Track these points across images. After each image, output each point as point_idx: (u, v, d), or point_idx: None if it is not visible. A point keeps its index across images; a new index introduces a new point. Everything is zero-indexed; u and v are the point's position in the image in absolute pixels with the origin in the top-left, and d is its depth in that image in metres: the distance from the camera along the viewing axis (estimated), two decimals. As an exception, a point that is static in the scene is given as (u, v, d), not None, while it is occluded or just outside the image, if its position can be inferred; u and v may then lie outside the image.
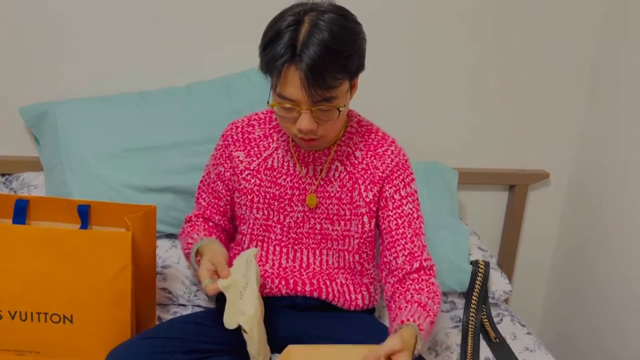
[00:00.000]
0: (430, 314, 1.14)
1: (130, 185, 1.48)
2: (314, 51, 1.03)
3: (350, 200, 1.26)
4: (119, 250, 1.15)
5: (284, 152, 1.26)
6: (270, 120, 1.29)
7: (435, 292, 1.20)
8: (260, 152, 1.27)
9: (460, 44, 1.77)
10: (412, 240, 1.24)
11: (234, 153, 1.28)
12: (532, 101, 1.87)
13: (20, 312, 1.16)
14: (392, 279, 1.22)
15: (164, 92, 1.59)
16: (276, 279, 1.28)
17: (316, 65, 1.03)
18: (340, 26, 1.07)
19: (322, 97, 1.07)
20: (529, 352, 1.43)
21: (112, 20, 1.59)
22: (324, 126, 1.12)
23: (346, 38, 1.07)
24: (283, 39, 1.05)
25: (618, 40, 1.77)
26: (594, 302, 1.87)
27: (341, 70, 1.07)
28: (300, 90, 1.06)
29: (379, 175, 1.25)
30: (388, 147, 1.27)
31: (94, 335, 1.18)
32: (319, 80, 1.05)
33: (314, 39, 1.04)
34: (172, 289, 1.46)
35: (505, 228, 1.98)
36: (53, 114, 1.52)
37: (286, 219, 1.27)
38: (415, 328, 1.07)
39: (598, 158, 1.86)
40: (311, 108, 1.08)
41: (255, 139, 1.28)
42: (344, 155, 1.26)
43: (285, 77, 1.06)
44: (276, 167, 1.26)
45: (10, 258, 1.14)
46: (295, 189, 1.26)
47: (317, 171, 1.26)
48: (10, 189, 1.60)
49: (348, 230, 1.27)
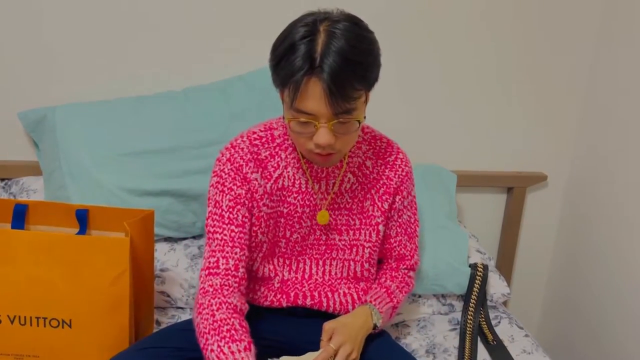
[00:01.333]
0: (394, 300, 1.29)
1: (129, 189, 1.48)
2: (334, 61, 0.99)
3: (361, 210, 1.26)
4: (117, 255, 1.15)
5: (294, 170, 1.21)
6: (273, 138, 1.22)
7: (406, 284, 1.34)
8: (270, 173, 1.21)
9: (459, 47, 1.78)
10: (405, 245, 1.34)
11: (250, 176, 1.19)
12: (530, 103, 1.87)
13: (19, 316, 1.16)
14: (379, 271, 1.36)
15: (162, 96, 1.60)
16: (278, 293, 1.27)
17: (338, 75, 1.00)
18: (357, 35, 1.03)
19: (343, 109, 1.03)
20: (526, 354, 1.44)
21: (110, 24, 1.59)
22: (342, 140, 1.08)
23: (365, 48, 1.04)
24: (299, 51, 1.00)
25: (615, 43, 1.77)
26: (591, 305, 1.87)
27: (361, 81, 1.04)
28: (321, 103, 1.02)
29: (393, 186, 1.27)
30: (397, 156, 1.28)
31: (93, 339, 1.18)
32: (341, 91, 1.01)
33: (333, 48, 1.00)
34: (170, 292, 1.46)
35: (504, 230, 1.98)
36: (52, 119, 1.53)
37: (293, 235, 1.25)
38: (373, 308, 1.23)
39: (595, 160, 1.86)
40: (330, 121, 1.04)
41: (263, 160, 1.20)
42: (355, 166, 1.25)
43: (304, 91, 1.02)
44: (287, 186, 1.21)
45: (9, 263, 1.15)
46: (305, 207, 1.23)
47: (329, 185, 1.23)
48: (9, 193, 1.60)
49: (357, 239, 1.28)
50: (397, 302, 1.30)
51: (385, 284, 1.30)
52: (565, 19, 1.80)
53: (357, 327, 1.18)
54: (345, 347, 1.13)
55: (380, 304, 1.25)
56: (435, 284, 1.54)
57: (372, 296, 1.27)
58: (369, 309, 1.23)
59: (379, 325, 1.24)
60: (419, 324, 1.54)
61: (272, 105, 1.58)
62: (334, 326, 1.16)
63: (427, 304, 1.57)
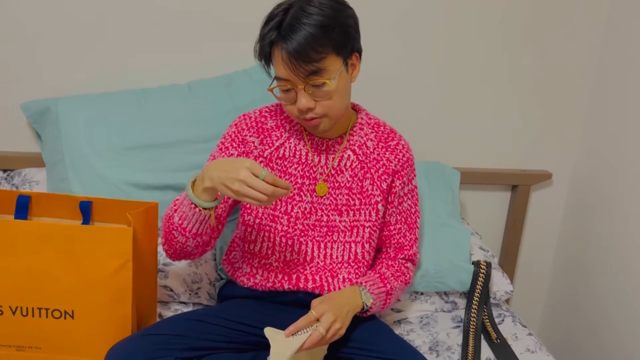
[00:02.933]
0: (387, 286, 1.29)
1: (132, 183, 1.48)
2: (296, 28, 1.09)
3: (361, 190, 1.29)
4: (120, 246, 1.15)
5: (296, 141, 1.28)
6: (282, 112, 1.31)
7: (402, 273, 1.34)
8: (272, 141, 1.28)
9: (462, 44, 1.77)
10: (404, 235, 1.36)
11: (248, 138, 1.28)
12: (534, 101, 1.87)
13: (21, 307, 1.16)
14: (376, 260, 1.37)
15: (166, 89, 1.59)
16: (280, 273, 1.28)
17: (297, 40, 1.09)
18: (325, 4, 1.13)
19: (308, 71, 1.11)
20: (530, 353, 1.43)
21: (114, 16, 1.59)
22: (322, 104, 1.16)
23: (329, 13, 1.12)
24: (270, 24, 1.13)
25: (620, 41, 1.76)
26: (595, 303, 1.86)
27: (323, 43, 1.11)
28: (290, 66, 1.11)
29: (392, 168, 1.31)
30: (398, 142, 1.33)
31: (95, 330, 1.17)
32: (301, 54, 1.09)
33: (299, 17, 1.10)
34: (173, 287, 1.46)
35: (507, 228, 1.98)
36: (55, 111, 1.52)
37: (294, 209, 1.27)
38: (363, 289, 1.24)
39: (600, 158, 1.85)
40: (303, 85, 1.13)
41: (268, 129, 1.29)
42: (356, 144, 1.29)
43: (275, 58, 1.14)
44: (287, 157, 1.28)
45: (11, 253, 1.14)
46: (305, 178, 1.27)
47: (329, 159, 1.28)
48: (12, 184, 1.60)
49: (357, 220, 1.30)
50: (391, 289, 1.30)
51: (379, 270, 1.32)
52: (571, 18, 1.79)
53: (343, 301, 1.19)
54: (327, 314, 1.12)
55: (372, 286, 1.26)
56: (437, 281, 1.53)
57: (363, 279, 1.28)
58: (358, 289, 1.24)
59: (369, 306, 1.23)
60: (421, 320, 1.53)
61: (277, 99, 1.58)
62: (320, 299, 1.17)
63: (429, 301, 1.57)
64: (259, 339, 1.18)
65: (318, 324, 1.12)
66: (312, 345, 1.10)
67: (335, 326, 1.13)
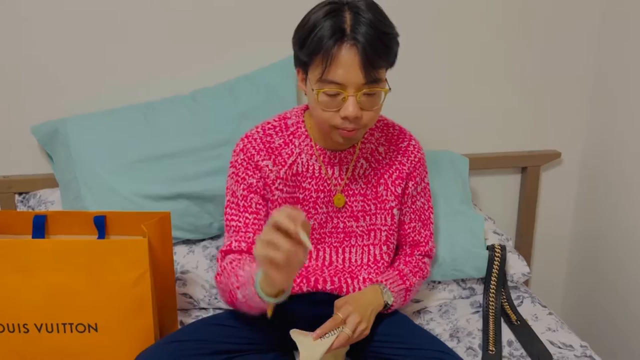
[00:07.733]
0: (407, 283, 1.30)
1: (144, 195, 1.49)
2: (367, 29, 1.05)
3: (376, 196, 1.29)
4: (136, 257, 1.17)
5: (307, 156, 1.25)
6: (287, 127, 1.27)
7: (420, 268, 1.35)
8: (284, 160, 1.25)
9: (468, 28, 1.77)
10: (419, 232, 1.36)
11: (261, 162, 1.24)
12: (539, 80, 1.86)
13: (46, 324, 1.18)
14: (394, 257, 1.37)
15: (169, 101, 1.61)
16: (297, 278, 1.28)
17: (372, 43, 1.05)
18: (380, 11, 1.10)
19: (374, 78, 1.08)
20: (551, 332, 1.43)
21: (110, 33, 1.60)
22: (368, 114, 1.12)
23: (388, 23, 1.10)
24: (327, 24, 1.05)
25: (627, 17, 1.75)
26: (614, 278, 1.85)
27: (388, 52, 1.09)
28: (352, 70, 1.05)
29: (405, 172, 1.30)
30: (409, 143, 1.32)
31: (120, 341, 1.20)
32: (374, 58, 1.06)
33: (362, 19, 1.05)
34: (192, 294, 1.48)
35: (521, 210, 1.97)
36: (64, 131, 1.55)
37: (310, 221, 1.27)
38: (384, 287, 1.25)
39: (608, 133, 1.84)
40: (358, 91, 1.08)
41: (277, 148, 1.25)
42: (368, 152, 1.29)
43: (337, 58, 1.05)
44: (301, 172, 1.26)
45: (32, 272, 1.17)
46: (320, 192, 1.26)
47: (342, 171, 1.27)
48: (28, 206, 1.62)
49: (374, 224, 1.30)
50: (410, 285, 1.31)
51: (398, 267, 1.33)
52: None
53: (367, 301, 1.20)
54: (353, 316, 1.14)
55: (392, 284, 1.27)
56: (453, 269, 1.54)
57: (383, 277, 1.29)
58: (379, 287, 1.26)
59: (390, 303, 1.25)
60: (440, 309, 1.54)
61: (280, 101, 1.60)
62: (343, 300, 1.18)
63: (447, 289, 1.57)
64: (281, 341, 1.19)
65: (344, 326, 1.14)
66: (339, 346, 1.13)
67: (360, 327, 1.15)
